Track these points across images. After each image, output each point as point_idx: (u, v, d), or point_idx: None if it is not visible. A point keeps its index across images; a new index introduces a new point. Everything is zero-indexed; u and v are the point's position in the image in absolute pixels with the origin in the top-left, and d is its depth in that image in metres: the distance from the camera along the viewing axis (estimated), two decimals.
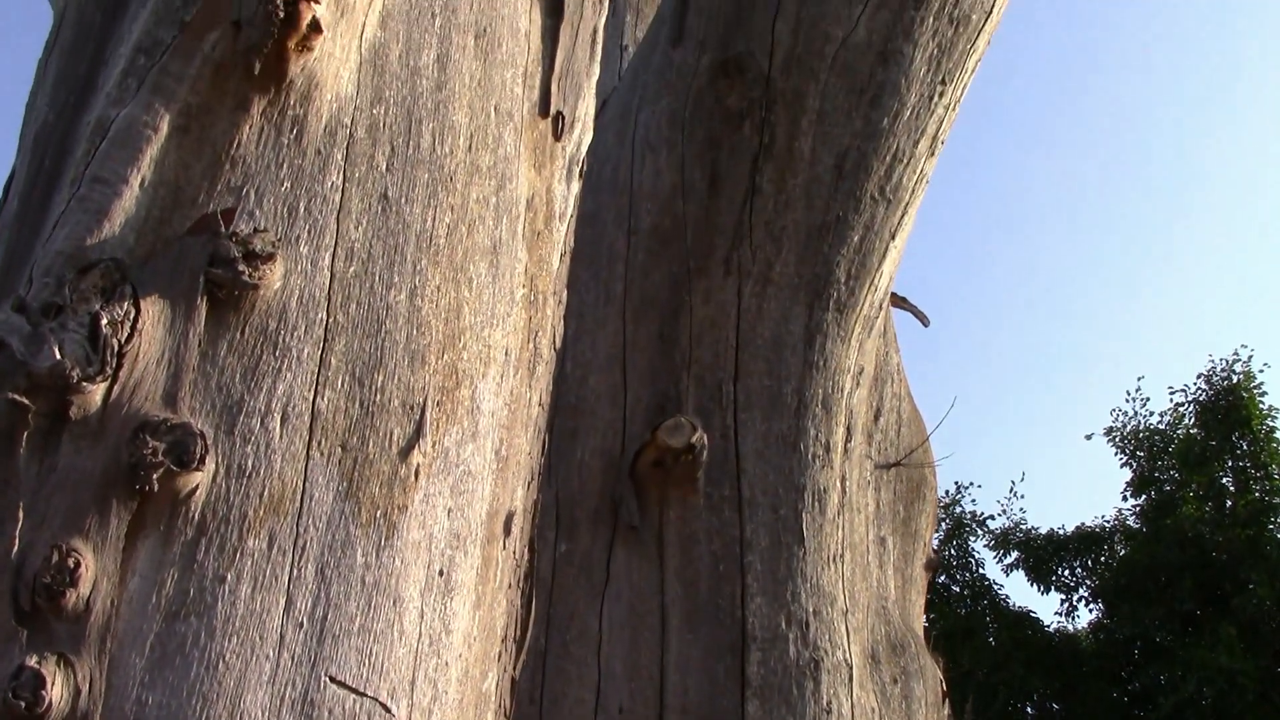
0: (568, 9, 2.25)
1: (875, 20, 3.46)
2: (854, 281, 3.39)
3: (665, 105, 3.51)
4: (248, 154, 1.73)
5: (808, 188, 3.38)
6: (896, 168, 3.48)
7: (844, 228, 3.39)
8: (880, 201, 3.45)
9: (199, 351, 1.61)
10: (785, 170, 3.38)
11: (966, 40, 3.60)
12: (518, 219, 2.06)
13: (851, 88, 3.44)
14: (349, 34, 1.84)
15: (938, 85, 3.54)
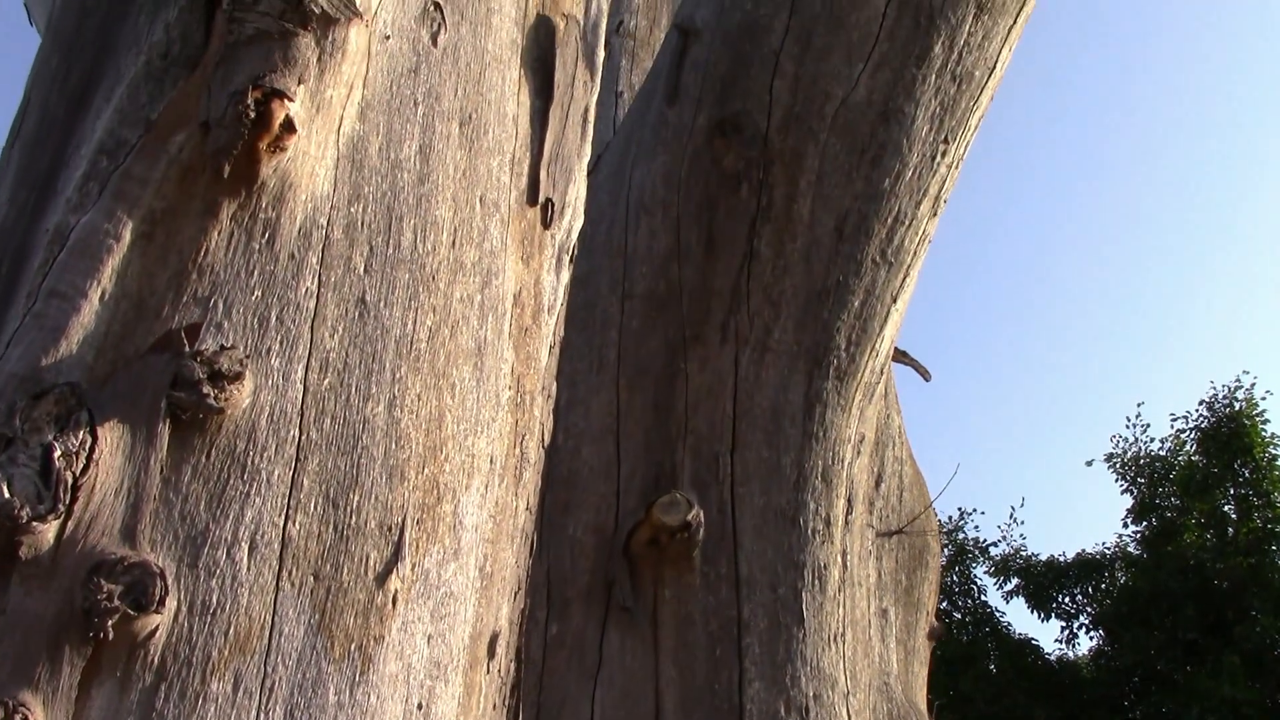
0: (557, 90, 2.16)
1: (876, 79, 3.38)
2: (855, 348, 3.30)
3: (660, 164, 3.42)
4: (216, 261, 1.64)
5: (807, 251, 3.28)
6: (898, 230, 3.39)
7: (844, 292, 3.30)
8: (881, 265, 3.35)
9: (161, 478, 1.51)
10: (784, 233, 3.29)
11: (970, 97, 3.52)
12: (504, 316, 1.96)
13: (852, 148, 3.35)
14: (325, 129, 1.75)
15: (940, 144, 3.45)
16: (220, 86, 1.66)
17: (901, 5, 3.40)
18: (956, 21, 3.44)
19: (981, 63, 3.53)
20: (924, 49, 3.40)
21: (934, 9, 3.41)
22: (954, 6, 3.43)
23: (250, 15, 1.68)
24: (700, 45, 3.49)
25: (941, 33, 3.42)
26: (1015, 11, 3.59)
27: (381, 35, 1.89)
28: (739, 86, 3.41)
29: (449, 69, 1.99)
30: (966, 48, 3.48)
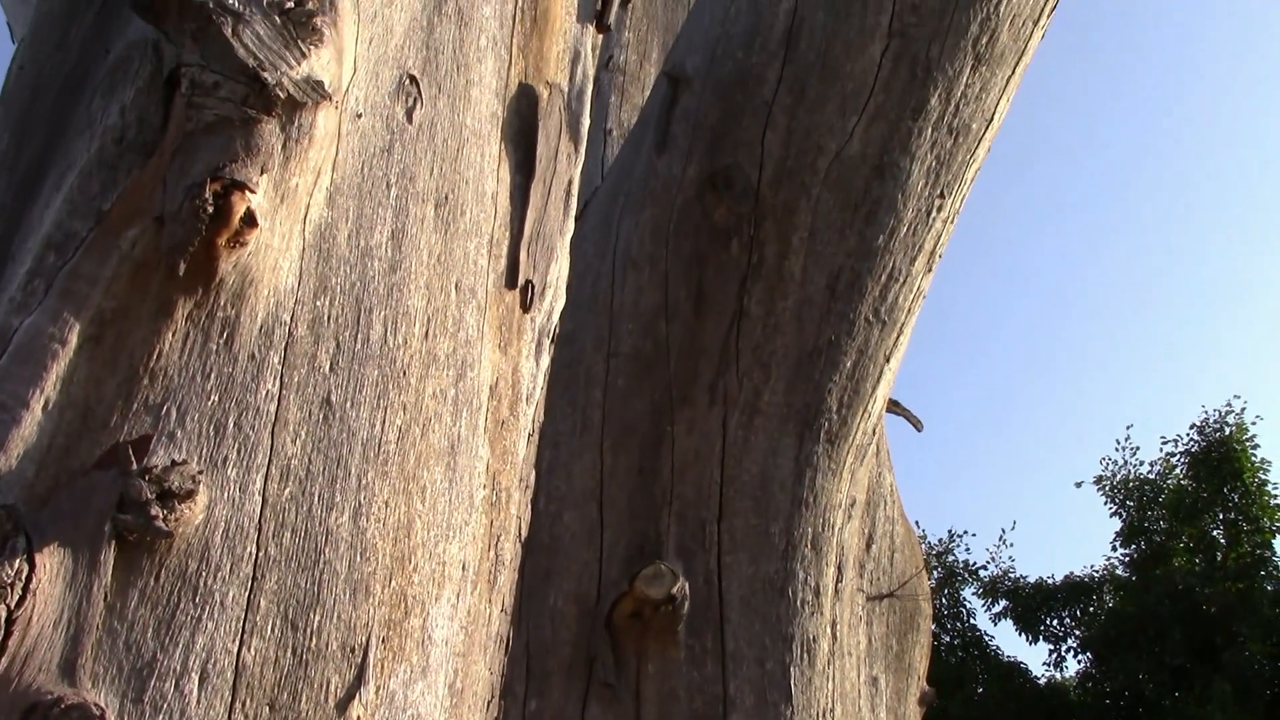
0: (539, 165, 2.06)
1: (870, 132, 3.29)
2: (846, 410, 3.20)
3: (649, 217, 3.33)
4: (170, 365, 1.53)
5: (798, 310, 3.19)
6: (892, 287, 3.30)
7: (836, 352, 3.20)
8: (875, 324, 3.26)
9: (105, 605, 1.41)
10: (775, 291, 3.19)
11: (966, 150, 3.43)
12: (479, 410, 1.86)
13: (845, 203, 3.26)
14: (290, 219, 1.65)
15: (935, 199, 3.36)
16: (177, 178, 1.55)
17: (897, 56, 3.31)
18: (954, 73, 3.35)
19: (979, 115, 3.44)
20: (920, 101, 3.32)
21: (931, 60, 3.32)
22: (951, 58, 3.34)
23: (210, 101, 1.58)
24: (690, 94, 3.40)
25: (938, 84, 3.33)
26: (1014, 62, 3.51)
27: (353, 113, 1.79)
28: (730, 138, 3.31)
29: (424, 147, 1.89)
30: (964, 99, 3.39)
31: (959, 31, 3.35)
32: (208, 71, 1.59)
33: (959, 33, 3.35)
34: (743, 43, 3.39)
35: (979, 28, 3.38)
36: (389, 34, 1.89)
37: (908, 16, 3.33)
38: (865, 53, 3.32)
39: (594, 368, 3.20)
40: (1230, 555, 18.54)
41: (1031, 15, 3.52)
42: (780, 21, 3.37)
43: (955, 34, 3.35)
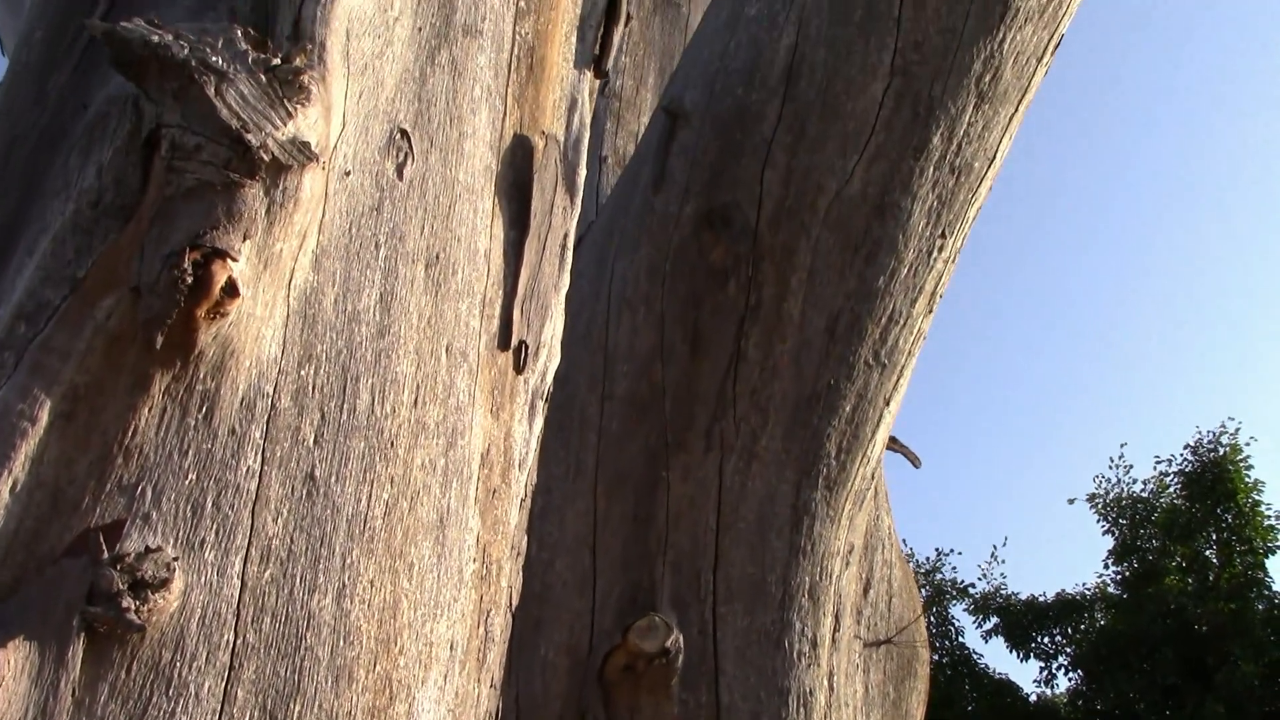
0: (534, 220, 1.99)
1: (871, 171, 3.23)
2: (845, 455, 3.14)
3: (644, 256, 3.26)
4: (145, 442, 1.46)
5: (797, 353, 3.12)
6: (892, 329, 3.24)
7: (835, 397, 3.14)
8: (875, 367, 3.20)
9: (73, 701, 1.34)
10: (773, 334, 3.13)
11: (968, 190, 3.37)
12: (470, 480, 1.79)
13: (845, 244, 3.19)
14: (274, 286, 1.58)
15: (937, 239, 3.30)
16: (155, 246, 1.48)
17: (899, 94, 3.25)
18: (956, 111, 3.30)
19: (981, 154, 3.38)
20: (922, 140, 3.26)
21: (933, 99, 3.26)
22: (954, 96, 3.28)
23: (191, 165, 1.52)
24: (689, 130, 3.33)
25: (941, 123, 3.27)
26: (1017, 100, 3.45)
27: (341, 171, 1.72)
28: (728, 176, 3.25)
29: (415, 204, 1.82)
30: (966, 138, 3.33)
31: (962, 70, 3.29)
32: (189, 133, 1.53)
33: (962, 71, 3.29)
34: (742, 78, 3.33)
35: (982, 66, 3.33)
36: (380, 86, 1.83)
37: (910, 54, 3.27)
38: (867, 91, 3.26)
39: (588, 410, 3.14)
40: (1223, 575, 18.50)
41: (1035, 52, 3.47)
42: (781, 58, 3.31)
43: (958, 72, 3.29)
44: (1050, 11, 3.46)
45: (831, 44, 3.29)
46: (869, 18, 3.30)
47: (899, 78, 3.26)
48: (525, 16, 2.13)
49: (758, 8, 3.41)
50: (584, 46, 2.28)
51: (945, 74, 3.28)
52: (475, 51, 2.00)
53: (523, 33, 2.11)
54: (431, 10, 1.95)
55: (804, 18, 3.33)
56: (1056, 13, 3.49)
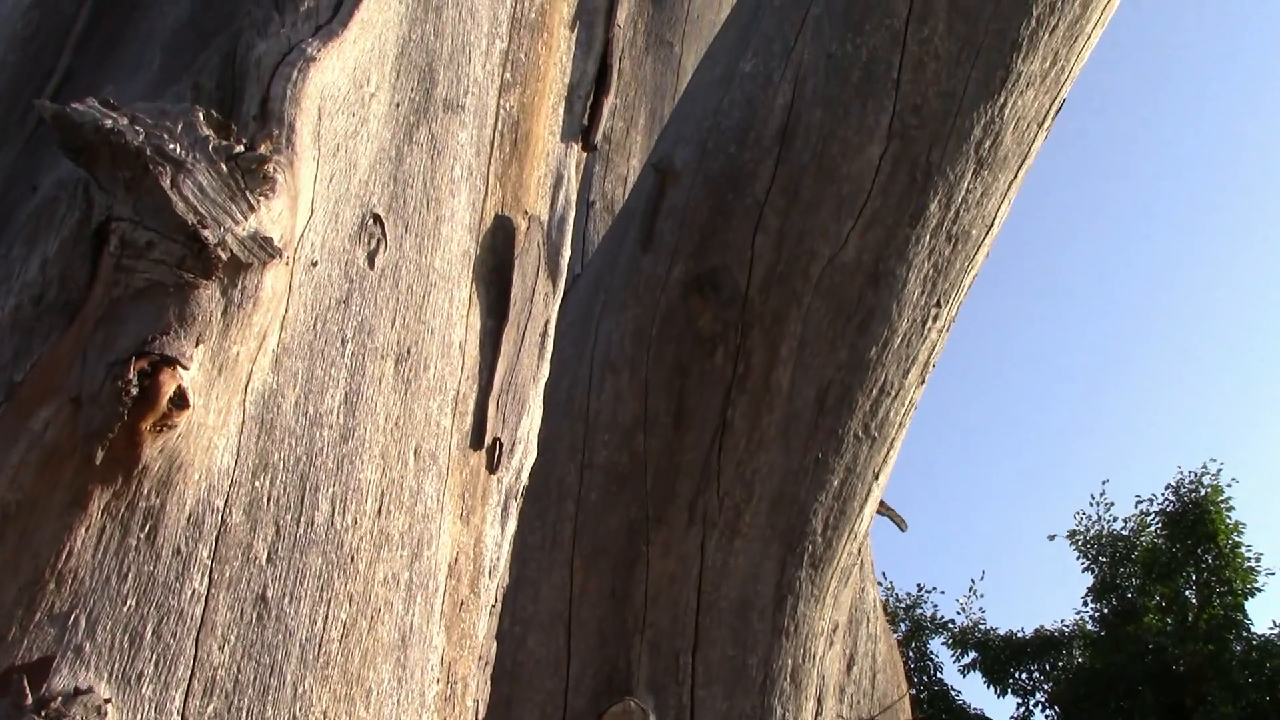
0: (513, 308, 1.89)
1: (867, 238, 3.13)
2: (832, 532, 3.03)
3: (630, 318, 3.15)
4: (81, 566, 1.35)
5: (785, 426, 3.02)
6: (884, 401, 3.14)
7: (823, 471, 3.03)
8: (864, 440, 3.09)
9: None
10: (761, 405, 3.02)
11: (965, 258, 3.28)
12: (435, 594, 1.68)
13: (838, 313, 3.09)
14: (229, 392, 1.47)
15: (932, 308, 3.21)
16: (99, 352, 1.37)
17: (897, 159, 3.16)
18: (955, 178, 3.20)
19: (979, 221, 3.29)
20: (919, 207, 3.16)
21: (931, 164, 3.17)
22: (953, 162, 3.19)
23: (142, 264, 1.40)
24: (678, 189, 3.23)
25: (939, 190, 3.18)
26: (1016, 166, 3.36)
27: (307, 262, 1.61)
28: (718, 238, 3.15)
29: (387, 295, 1.71)
30: (964, 205, 3.24)
31: (961, 135, 3.20)
32: (141, 228, 1.41)
33: (961, 136, 3.20)
34: (735, 137, 3.24)
35: (982, 131, 3.24)
36: (353, 168, 1.72)
37: (909, 118, 3.18)
38: (863, 154, 3.16)
39: (567, 479, 3.03)
40: (1202, 616, 18.46)
41: (1036, 118, 3.38)
42: (775, 117, 3.22)
43: (957, 138, 3.20)
44: (1053, 76, 3.38)
45: (828, 104, 3.20)
46: (867, 79, 3.21)
47: (896, 141, 3.17)
48: (510, 89, 2.03)
49: (753, 64, 3.32)
50: (572, 118, 2.18)
51: (944, 139, 3.19)
52: (456, 128, 1.89)
53: (507, 106, 2.01)
54: (411, 84, 1.85)
55: (800, 76, 3.24)
56: (1059, 77, 3.41)
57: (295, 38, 1.70)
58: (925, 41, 3.23)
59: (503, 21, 2.05)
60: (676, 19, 5.87)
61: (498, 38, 2.03)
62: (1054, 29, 3.34)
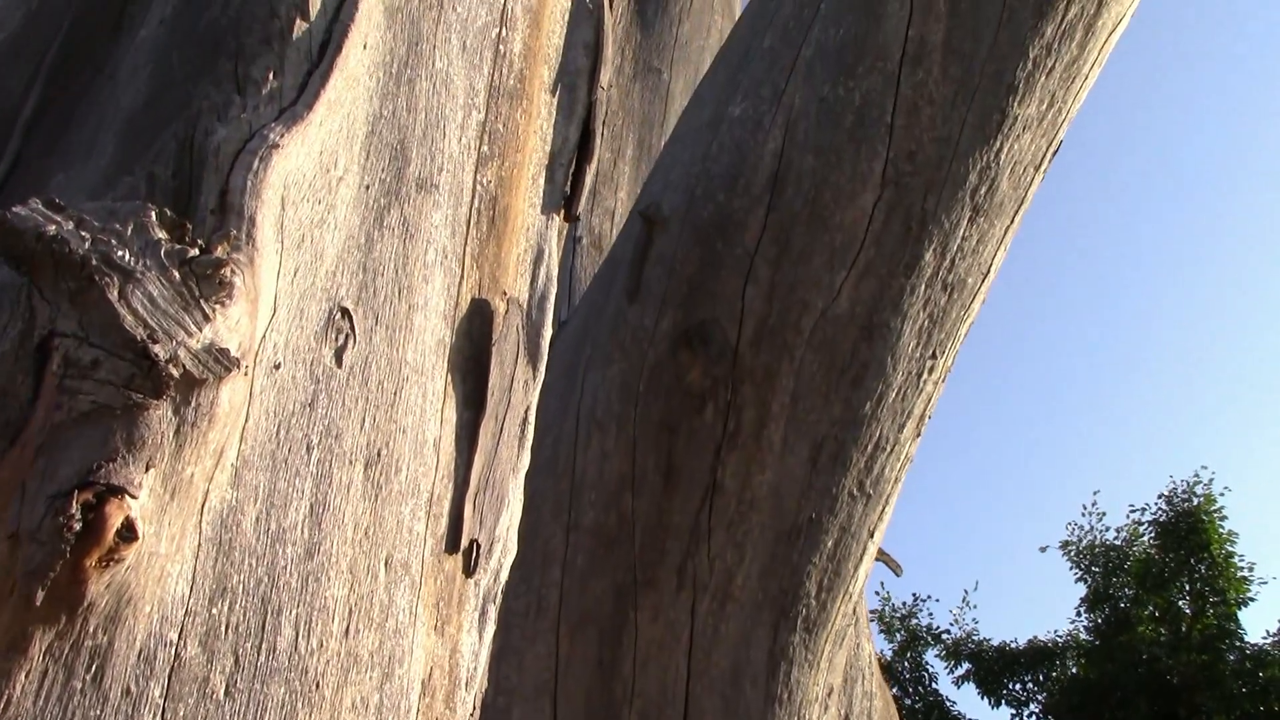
0: (491, 398, 1.79)
1: (860, 289, 3.04)
2: (826, 595, 2.94)
3: (617, 373, 3.06)
4: (21, 715, 1.25)
5: (777, 485, 2.93)
6: (879, 457, 3.05)
7: (817, 531, 2.94)
8: (859, 497, 3.00)
9: None
10: (752, 463, 2.93)
11: (961, 306, 3.19)
12: (408, 714, 1.58)
13: (831, 367, 3.00)
14: (183, 515, 1.37)
15: (927, 360, 3.12)
16: (40, 483, 1.27)
17: (891, 207, 3.07)
18: (950, 226, 3.12)
19: (975, 269, 3.20)
20: (914, 256, 3.08)
21: (926, 212, 3.08)
22: (948, 209, 3.11)
23: (87, 384, 1.31)
24: (667, 237, 3.14)
25: (934, 239, 3.09)
26: (1013, 212, 3.28)
27: (269, 365, 1.52)
28: (708, 290, 3.06)
29: (355, 394, 1.62)
30: (960, 254, 3.15)
31: (957, 182, 3.12)
32: (86, 345, 1.32)
33: (957, 183, 3.12)
34: (724, 184, 3.15)
35: (978, 177, 3.15)
36: (319, 260, 1.63)
37: (903, 164, 3.09)
38: (856, 202, 3.08)
39: (552, 541, 2.93)
40: (1196, 626, 18.40)
41: (1033, 161, 3.30)
42: (766, 163, 3.13)
43: (953, 184, 3.11)
44: (1049, 119, 3.29)
45: (820, 151, 3.11)
46: (860, 124, 3.12)
47: (890, 189, 3.08)
48: (488, 162, 1.93)
49: (742, 108, 3.23)
50: (553, 187, 2.09)
51: (939, 186, 3.10)
52: (430, 209, 1.80)
53: (485, 181, 1.92)
54: (381, 164, 1.76)
55: (791, 121, 3.15)
56: (1056, 120, 3.33)
57: (257, 122, 1.61)
58: (919, 85, 3.14)
59: (479, 91, 1.95)
60: (665, 45, 5.78)
61: (474, 108, 1.93)
62: (1051, 71, 3.25)
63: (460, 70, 1.92)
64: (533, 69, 2.08)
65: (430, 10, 1.91)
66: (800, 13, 3.30)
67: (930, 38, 3.17)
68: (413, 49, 1.86)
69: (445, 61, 1.90)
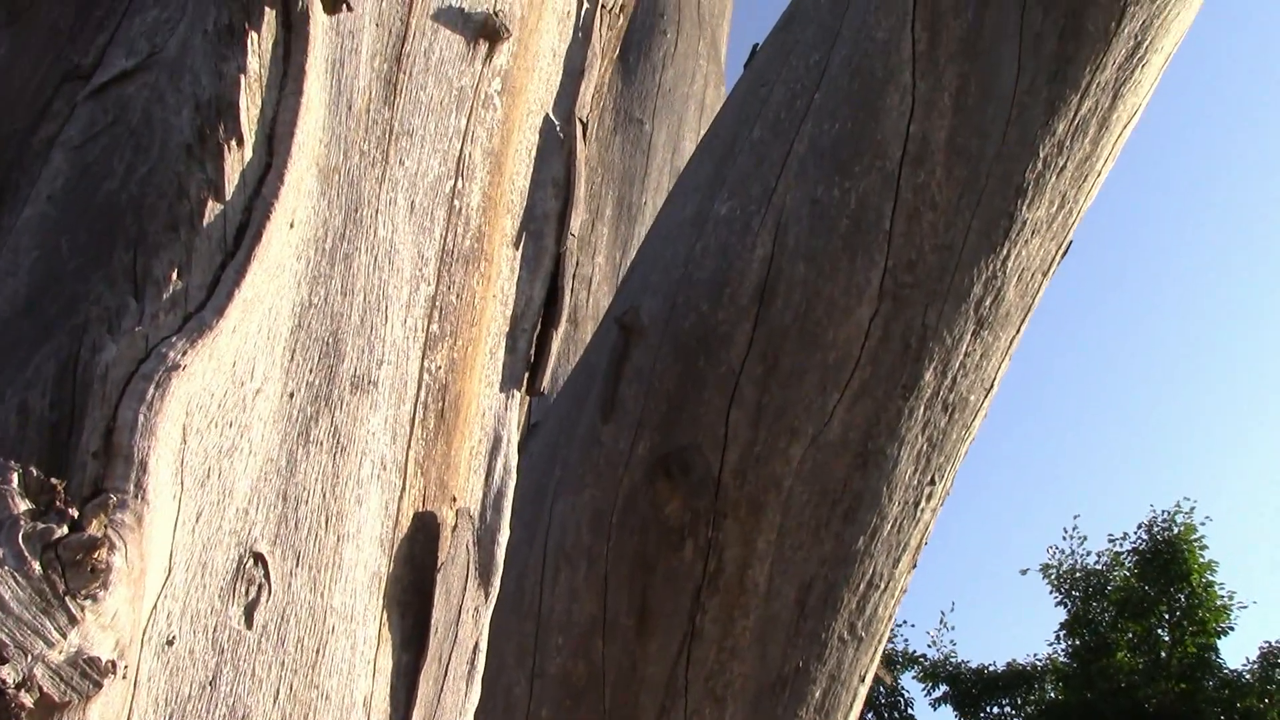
0: (434, 637, 1.54)
1: (854, 412, 2.80)
2: None
3: (588, 501, 2.81)
4: None
5: (762, 630, 2.68)
6: (871, 596, 2.80)
7: (804, 681, 2.70)
8: (850, 642, 2.76)
9: None
10: (734, 607, 2.68)
11: (962, 427, 2.95)
12: None
13: (822, 499, 2.76)
14: None
15: (925, 487, 2.88)
16: None
17: (889, 322, 2.83)
18: (953, 341, 2.88)
19: (978, 385, 2.97)
20: (913, 376, 2.83)
21: (927, 328, 2.84)
22: (950, 324, 2.87)
23: None
24: (644, 350, 2.89)
25: (934, 356, 2.85)
26: (1019, 321, 3.04)
27: (161, 642, 1.26)
28: (689, 412, 2.81)
29: (269, 659, 1.36)
30: (962, 370, 2.91)
31: (960, 294, 2.88)
32: None
33: (960, 296, 2.88)
34: (709, 292, 2.90)
35: (983, 288, 2.92)
36: (228, 497, 1.37)
37: (902, 275, 2.85)
38: (851, 317, 2.83)
39: (515, 690, 2.68)
40: (1175, 654, 18.30)
41: (1041, 267, 3.06)
42: (754, 271, 2.88)
43: (956, 297, 2.88)
44: (1060, 221, 3.06)
45: (812, 259, 2.86)
46: (856, 229, 2.88)
47: (888, 302, 2.84)
48: (438, 344, 1.68)
49: (729, 206, 2.98)
50: (514, 358, 1.83)
51: (941, 299, 2.86)
52: (367, 412, 1.54)
53: (433, 368, 1.66)
54: (310, 364, 1.50)
55: (782, 224, 2.90)
56: (1066, 221, 3.09)
57: (156, 335, 1.35)
58: (921, 188, 2.90)
59: (430, 259, 1.70)
60: (648, 93, 5.53)
61: (423, 281, 1.68)
62: (1062, 170, 3.02)
63: (407, 236, 1.67)
64: (493, 222, 1.82)
65: (373, 168, 1.65)
66: (793, 102, 3.05)
67: (933, 135, 2.93)
68: (351, 217, 1.60)
69: (390, 228, 1.64)
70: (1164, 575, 18.33)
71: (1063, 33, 2.97)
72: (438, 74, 1.79)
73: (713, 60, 6.04)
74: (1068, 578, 19.78)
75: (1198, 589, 18.18)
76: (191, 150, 1.47)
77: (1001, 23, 2.97)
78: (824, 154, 2.94)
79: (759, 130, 3.06)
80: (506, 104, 1.89)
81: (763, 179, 2.98)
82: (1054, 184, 3.01)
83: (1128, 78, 3.07)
